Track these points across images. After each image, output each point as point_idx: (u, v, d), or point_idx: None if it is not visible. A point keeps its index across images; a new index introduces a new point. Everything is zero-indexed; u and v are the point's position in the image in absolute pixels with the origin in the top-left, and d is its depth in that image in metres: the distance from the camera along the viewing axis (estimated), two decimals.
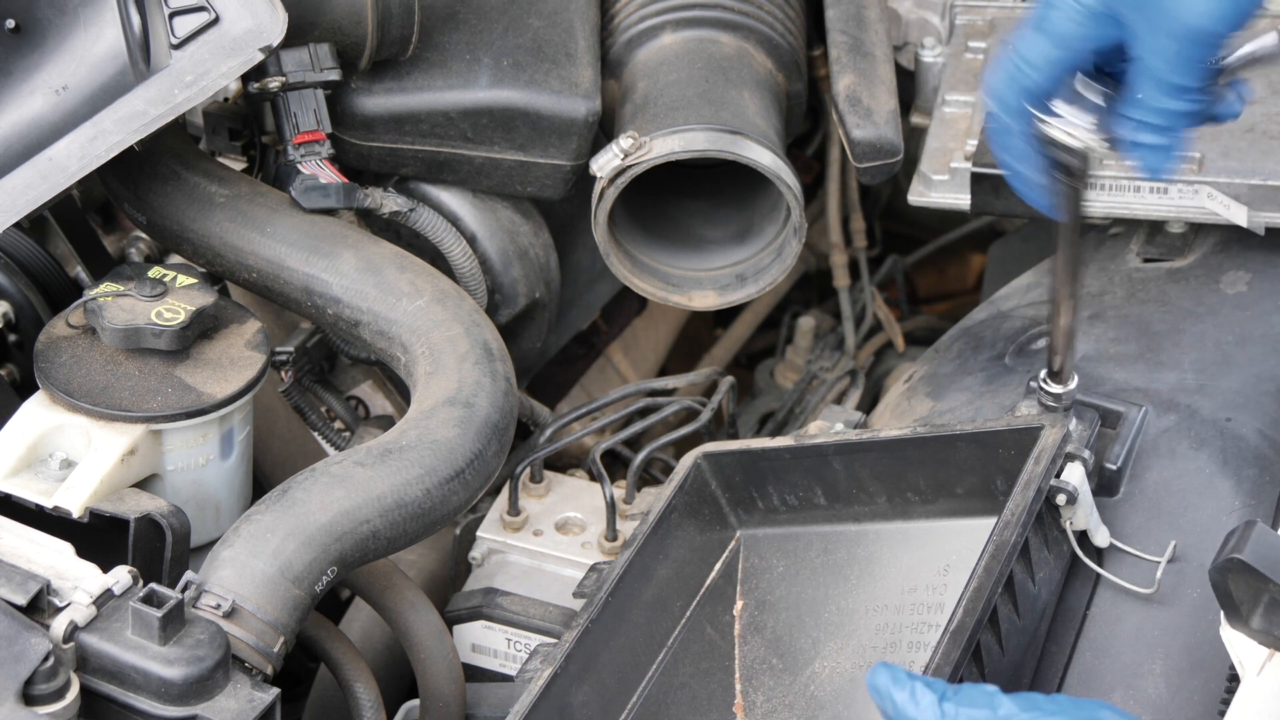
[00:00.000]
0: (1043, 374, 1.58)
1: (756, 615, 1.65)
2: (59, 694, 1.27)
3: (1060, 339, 1.55)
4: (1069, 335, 1.54)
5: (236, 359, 1.61)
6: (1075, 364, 1.58)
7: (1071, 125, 1.42)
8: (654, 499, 1.69)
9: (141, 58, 1.64)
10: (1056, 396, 1.56)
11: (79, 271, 1.87)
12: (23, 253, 1.80)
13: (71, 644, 1.30)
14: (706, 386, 2.05)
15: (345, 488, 1.46)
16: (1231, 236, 1.84)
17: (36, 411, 1.55)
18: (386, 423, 1.93)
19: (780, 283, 1.92)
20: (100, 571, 1.36)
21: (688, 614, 1.64)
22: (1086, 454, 1.50)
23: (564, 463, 2.01)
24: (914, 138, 2.00)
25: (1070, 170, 1.45)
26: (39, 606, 1.32)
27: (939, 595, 1.56)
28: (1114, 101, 1.40)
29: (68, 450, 1.53)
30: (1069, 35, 1.38)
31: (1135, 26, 1.36)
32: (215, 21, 1.66)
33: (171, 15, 1.65)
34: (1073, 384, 1.57)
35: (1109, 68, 1.40)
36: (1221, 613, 1.35)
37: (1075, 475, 1.49)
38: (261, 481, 1.73)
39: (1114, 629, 1.50)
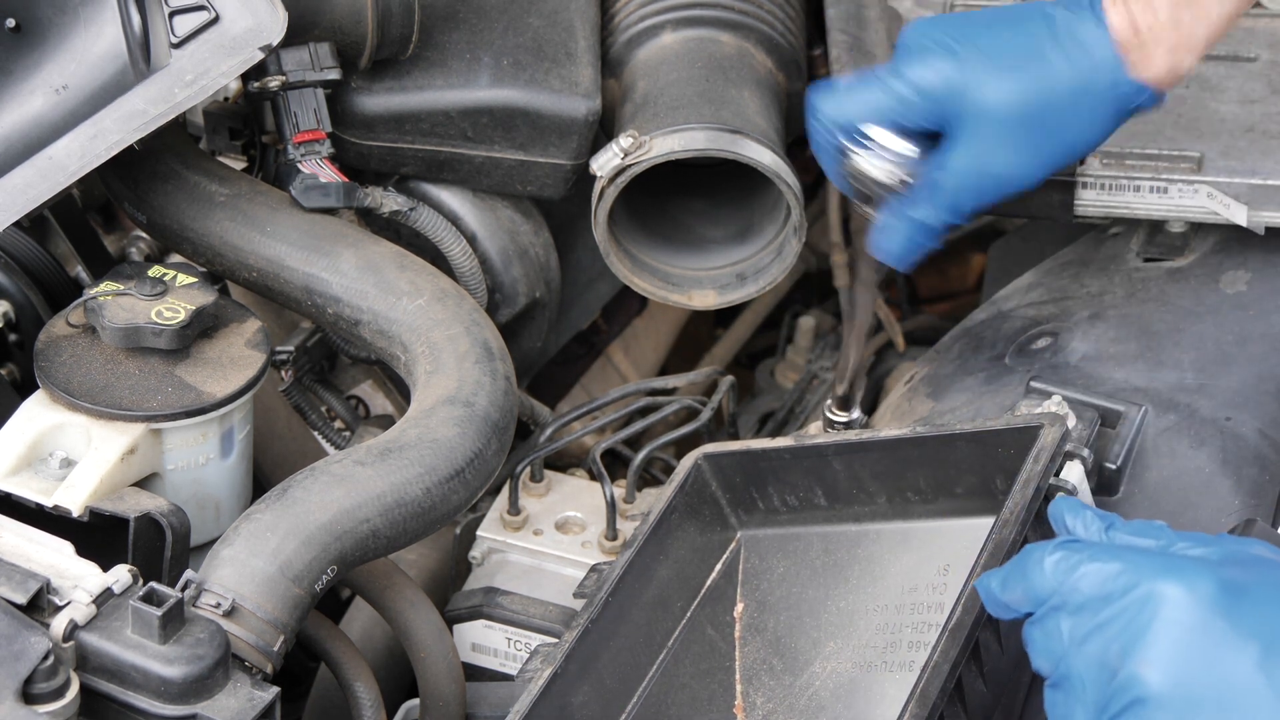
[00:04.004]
0: (829, 402, 1.70)
1: (757, 616, 1.64)
2: (59, 693, 1.27)
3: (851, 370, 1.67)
4: (859, 369, 1.68)
5: (237, 358, 1.61)
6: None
7: (878, 159, 1.52)
8: (654, 499, 1.69)
9: (141, 57, 1.64)
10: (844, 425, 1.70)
11: (79, 271, 1.87)
12: (23, 252, 1.80)
13: (71, 643, 1.30)
14: (707, 386, 2.04)
15: (345, 486, 1.46)
16: (1231, 236, 1.84)
17: (36, 410, 1.55)
18: (387, 422, 1.93)
19: (781, 282, 1.92)
20: (100, 570, 1.35)
21: (688, 614, 1.63)
22: (1086, 453, 1.50)
23: (564, 462, 2.01)
24: None
25: (869, 199, 1.55)
26: (39, 605, 1.32)
27: (939, 595, 1.56)
28: (916, 164, 1.52)
29: (68, 449, 1.53)
30: (888, 109, 1.52)
31: (955, 137, 1.51)
32: (215, 20, 1.66)
33: (171, 14, 1.65)
34: (856, 413, 1.70)
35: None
36: None
37: (1074, 474, 1.48)
38: (261, 481, 1.72)
39: None
